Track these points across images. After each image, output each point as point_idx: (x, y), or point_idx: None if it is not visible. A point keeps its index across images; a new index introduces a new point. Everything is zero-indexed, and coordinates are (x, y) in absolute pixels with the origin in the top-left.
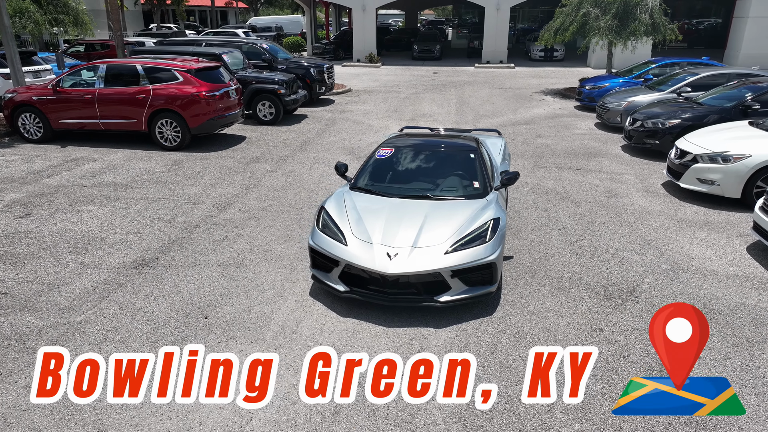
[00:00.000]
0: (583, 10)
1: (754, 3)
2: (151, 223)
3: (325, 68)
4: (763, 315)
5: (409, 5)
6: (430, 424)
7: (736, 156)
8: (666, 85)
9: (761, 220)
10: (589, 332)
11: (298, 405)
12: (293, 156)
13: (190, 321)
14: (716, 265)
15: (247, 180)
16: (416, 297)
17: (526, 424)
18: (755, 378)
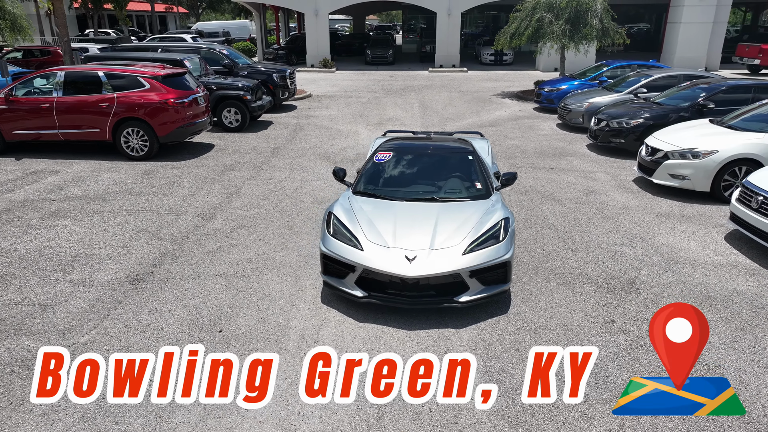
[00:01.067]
0: (537, 15)
1: (686, 10)
2: (136, 236)
3: (288, 73)
4: (755, 300)
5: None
6: (475, 423)
7: (704, 152)
8: (622, 87)
9: (738, 211)
10: (602, 325)
11: (339, 414)
12: (268, 163)
13: (204, 335)
14: (702, 255)
15: (227, 188)
16: (436, 299)
17: (567, 416)
18: (764, 358)
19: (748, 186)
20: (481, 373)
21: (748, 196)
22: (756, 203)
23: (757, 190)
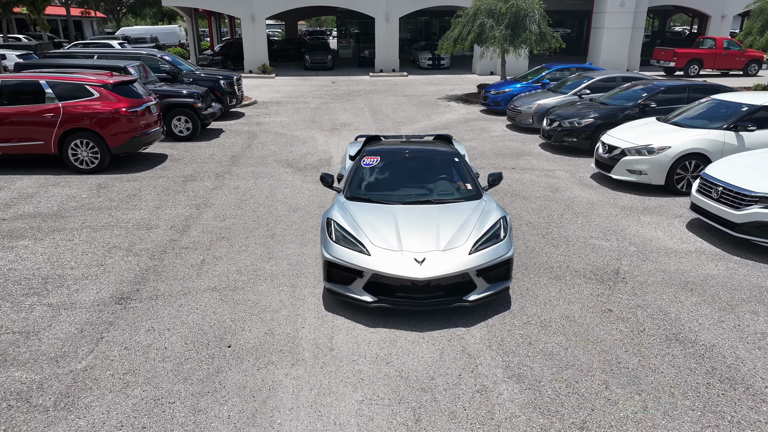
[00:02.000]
0: (478, 20)
1: (607, 16)
2: (109, 253)
3: (235, 80)
4: (728, 282)
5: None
6: (510, 416)
7: (659, 148)
8: (566, 88)
9: (699, 201)
10: (601, 314)
11: (376, 419)
12: (229, 172)
13: (214, 351)
14: (671, 244)
15: (193, 200)
16: (446, 299)
17: (594, 402)
18: (751, 334)
19: (706, 178)
20: (502, 368)
21: (708, 188)
22: (716, 194)
23: (717, 181)
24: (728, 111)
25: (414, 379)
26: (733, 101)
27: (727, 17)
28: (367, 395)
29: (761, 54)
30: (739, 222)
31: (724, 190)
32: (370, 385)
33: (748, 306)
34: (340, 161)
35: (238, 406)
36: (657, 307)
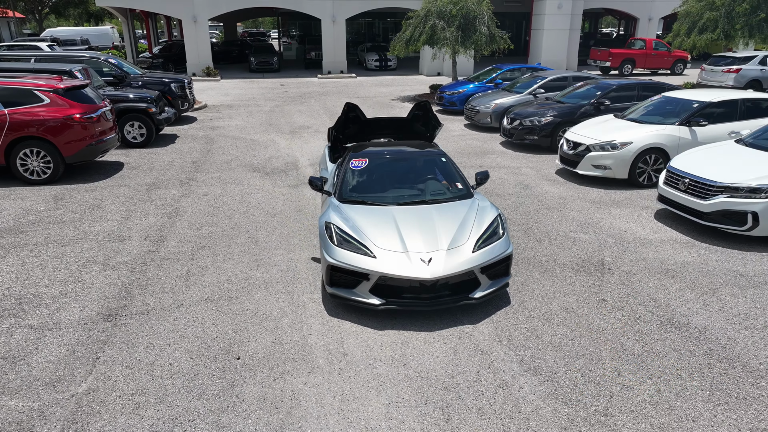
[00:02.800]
0: (430, 22)
1: (546, 18)
2: (84, 268)
3: (186, 83)
4: (704, 268)
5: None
6: (536, 408)
7: (621, 143)
8: (520, 88)
9: (666, 192)
10: (596, 304)
11: (407, 422)
12: (194, 178)
13: (223, 364)
14: (645, 234)
15: (162, 208)
16: (453, 298)
17: (610, 389)
18: (735, 315)
19: (673, 171)
20: (516, 362)
21: (675, 180)
22: (683, 185)
23: (683, 174)
24: (680, 108)
25: (434, 378)
26: (683, 98)
27: (654, 20)
28: (392, 398)
29: (686, 54)
30: (707, 211)
31: (691, 181)
32: (392, 387)
33: (727, 289)
34: (311, 164)
35: (263, 419)
36: (646, 294)
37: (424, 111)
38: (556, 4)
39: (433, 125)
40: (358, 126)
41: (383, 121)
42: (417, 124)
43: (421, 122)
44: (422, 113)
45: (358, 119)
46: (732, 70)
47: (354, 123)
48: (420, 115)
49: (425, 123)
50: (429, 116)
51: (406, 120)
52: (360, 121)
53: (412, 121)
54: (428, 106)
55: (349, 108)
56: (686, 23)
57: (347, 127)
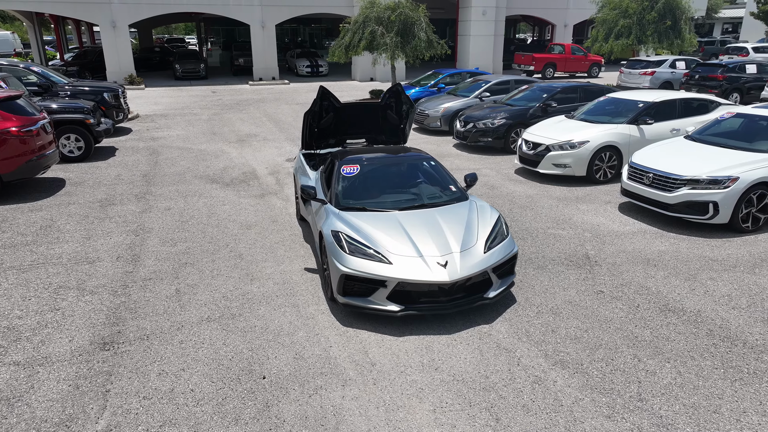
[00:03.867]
0: (369, 28)
1: (472, 25)
2: (57, 295)
3: (120, 92)
4: (678, 255)
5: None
6: (577, 399)
7: (579, 143)
8: (466, 92)
9: (630, 187)
10: (595, 296)
11: (458, 426)
12: (150, 192)
13: (251, 386)
14: (616, 227)
15: (125, 226)
16: (469, 299)
17: (637, 375)
18: (720, 297)
19: (636, 167)
20: (542, 357)
21: (639, 175)
22: (648, 180)
23: (647, 169)
24: (626, 108)
25: (470, 380)
26: (627, 99)
27: (569, 26)
28: (435, 404)
29: (601, 58)
30: (672, 203)
31: (655, 176)
32: (431, 393)
33: (705, 274)
34: (271, 173)
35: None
36: (637, 283)
37: (396, 95)
38: (481, 11)
39: (406, 109)
40: (333, 113)
41: (358, 107)
42: (389, 110)
43: (394, 106)
44: (395, 98)
45: (332, 106)
46: (648, 72)
47: (327, 111)
48: (393, 100)
49: (398, 106)
50: (401, 99)
51: (380, 105)
52: (335, 108)
53: (385, 106)
54: (400, 89)
55: (323, 95)
56: (603, 29)
57: (322, 116)
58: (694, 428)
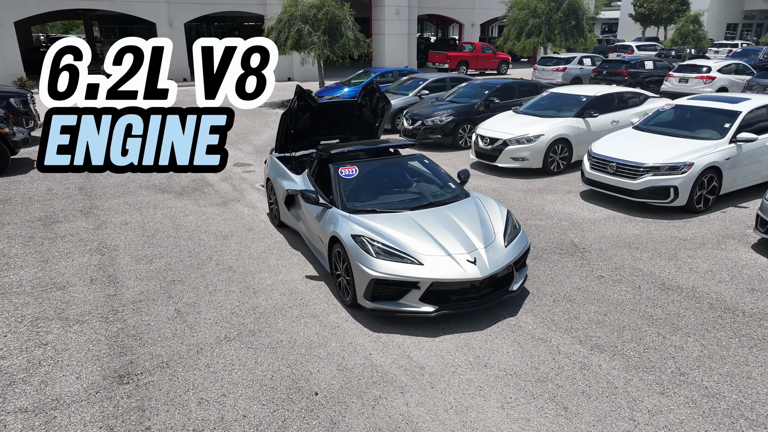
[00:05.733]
0: (295, 26)
1: (387, 23)
2: (37, 328)
3: (29, 97)
4: (652, 237)
5: (21, 21)
6: (627, 380)
7: (534, 136)
8: (404, 90)
9: (593, 176)
10: (598, 281)
11: (532, 420)
12: (96, 206)
13: (306, 404)
14: (587, 215)
15: (83, 245)
16: (496, 293)
17: (668, 351)
18: (702, 271)
19: (598, 157)
20: (579, 344)
21: (602, 165)
22: (612, 169)
23: (610, 159)
24: (571, 102)
25: (523, 373)
26: (570, 94)
27: (476, 25)
28: (501, 400)
29: (507, 56)
30: (637, 189)
31: (619, 165)
32: (492, 390)
33: (683, 252)
34: (224, 179)
35: None
36: (630, 266)
37: (371, 93)
38: (394, 10)
39: (383, 105)
40: (310, 114)
41: (333, 106)
42: (364, 108)
43: (370, 104)
44: (369, 96)
45: (309, 106)
46: (559, 69)
47: (304, 111)
48: (368, 99)
49: (374, 104)
50: (377, 96)
51: (356, 104)
52: (312, 108)
53: (361, 105)
54: (376, 87)
55: (300, 94)
56: (515, 29)
57: (299, 116)
58: (738, 395)
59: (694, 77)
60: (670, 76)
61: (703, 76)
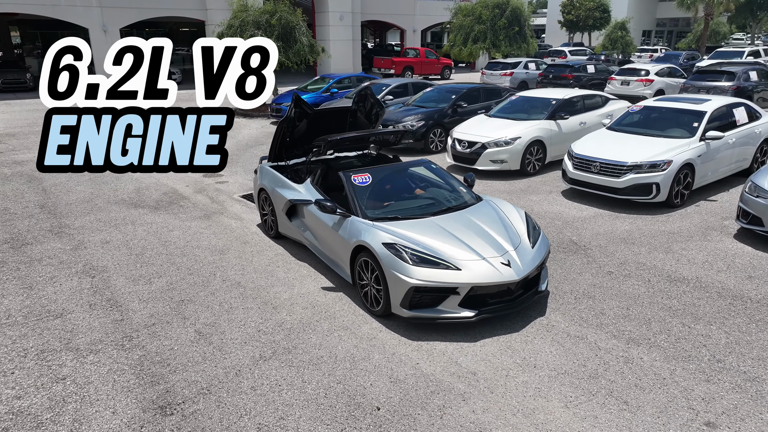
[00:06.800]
0: (248, 32)
1: (331, 29)
2: (47, 362)
3: None
4: (643, 231)
5: None
6: (671, 371)
7: (512, 139)
8: None
9: (576, 176)
10: (608, 276)
11: (600, 417)
12: (67, 225)
13: (373, 419)
14: (576, 213)
15: (65, 268)
16: (528, 294)
17: (697, 340)
18: (699, 262)
19: (581, 157)
20: (614, 339)
21: (585, 165)
22: (595, 168)
23: (593, 159)
24: (541, 105)
25: (573, 371)
26: (539, 97)
27: (417, 31)
28: (562, 400)
29: (450, 61)
30: (621, 187)
31: (602, 164)
32: (550, 390)
33: (676, 245)
34: (198, 191)
35: None
36: (633, 261)
37: (364, 98)
38: (338, 16)
39: (377, 110)
40: (306, 121)
41: (328, 113)
42: (359, 113)
43: (364, 109)
44: (363, 102)
45: (305, 113)
46: (507, 73)
47: (300, 119)
48: (361, 104)
49: (368, 109)
50: (371, 101)
51: (350, 110)
52: (308, 115)
53: (355, 110)
54: (369, 92)
55: (296, 101)
56: (461, 35)
57: (295, 124)
58: None
59: (634, 80)
60: (612, 79)
61: (643, 79)
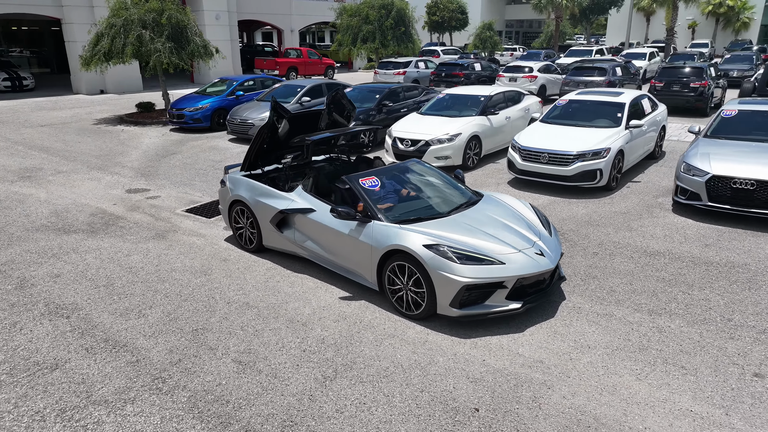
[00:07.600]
0: (134, 32)
1: (208, 29)
2: (77, 420)
3: None
4: (599, 213)
5: None
6: (702, 333)
7: (453, 135)
8: (281, 97)
9: (527, 167)
10: (595, 256)
11: (663, 390)
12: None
13: (478, 423)
14: (532, 202)
15: (23, 312)
16: (556, 281)
17: (704, 304)
18: (660, 236)
19: (528, 149)
20: (641, 314)
21: (534, 156)
22: (545, 159)
23: (541, 150)
24: (471, 102)
25: (624, 347)
26: (468, 94)
27: (295, 31)
28: (632, 374)
29: (332, 61)
30: (570, 174)
31: (550, 155)
32: (615, 366)
33: (634, 223)
34: (130, 209)
35: None
36: (608, 241)
37: (337, 101)
38: (214, 15)
39: (348, 111)
40: (286, 125)
41: (303, 116)
42: (333, 115)
43: (336, 111)
44: (335, 105)
45: (283, 117)
46: (400, 72)
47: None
48: (334, 107)
49: (340, 110)
50: (343, 103)
51: (325, 113)
52: (286, 118)
53: (329, 112)
54: (341, 94)
55: (275, 106)
56: (349, 35)
57: (276, 129)
58: None
59: (521, 77)
60: (501, 76)
61: (528, 75)
